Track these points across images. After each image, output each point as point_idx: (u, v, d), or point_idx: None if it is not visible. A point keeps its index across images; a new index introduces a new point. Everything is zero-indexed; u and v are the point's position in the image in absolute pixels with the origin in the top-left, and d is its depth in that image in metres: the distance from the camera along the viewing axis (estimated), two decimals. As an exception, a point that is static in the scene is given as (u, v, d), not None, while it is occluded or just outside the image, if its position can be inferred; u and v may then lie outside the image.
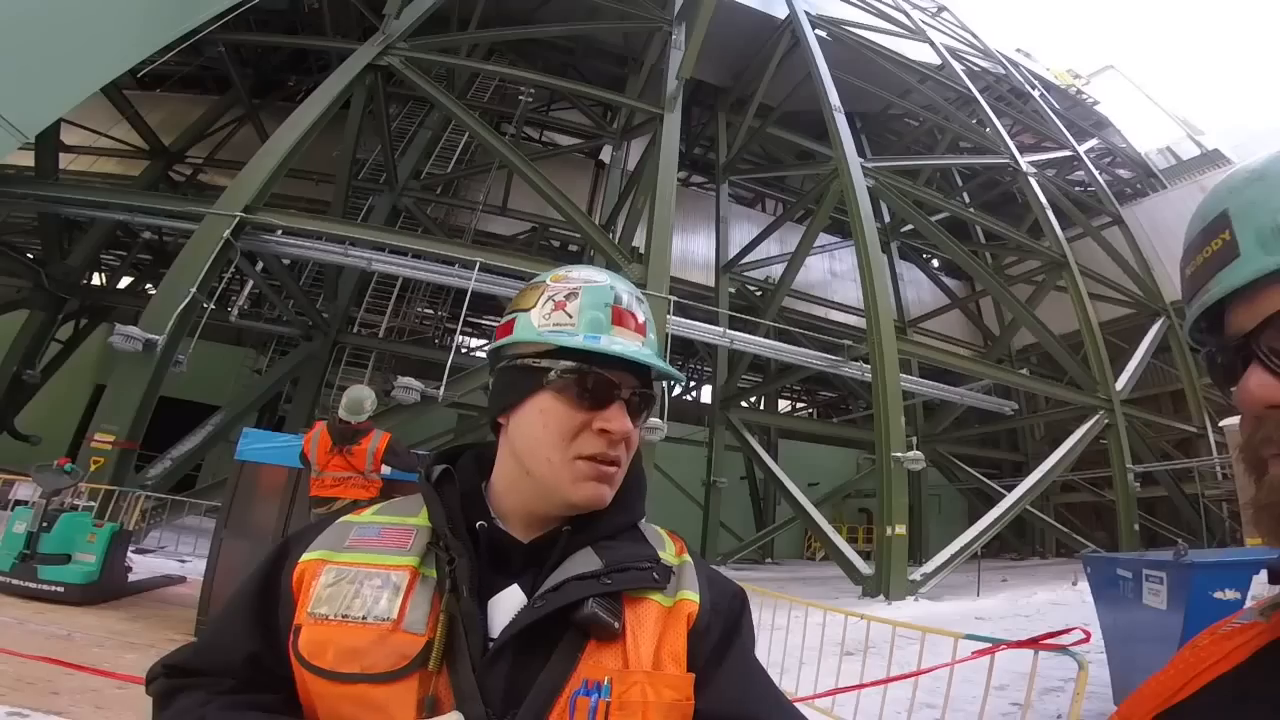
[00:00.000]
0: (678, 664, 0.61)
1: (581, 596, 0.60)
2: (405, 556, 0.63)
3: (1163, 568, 3.35)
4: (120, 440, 8.14)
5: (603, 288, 0.70)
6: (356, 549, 0.64)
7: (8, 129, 6.85)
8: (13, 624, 4.42)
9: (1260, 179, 0.44)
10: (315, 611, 0.61)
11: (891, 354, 11.33)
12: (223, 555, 5.20)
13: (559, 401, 0.66)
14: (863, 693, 3.61)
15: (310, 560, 0.65)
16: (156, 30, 8.55)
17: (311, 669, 0.59)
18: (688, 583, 0.67)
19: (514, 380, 0.69)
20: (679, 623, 0.64)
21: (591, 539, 0.66)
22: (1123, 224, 18.20)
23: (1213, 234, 0.45)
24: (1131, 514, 13.34)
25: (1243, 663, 0.43)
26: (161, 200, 12.25)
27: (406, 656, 0.58)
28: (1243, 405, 0.43)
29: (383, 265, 11.05)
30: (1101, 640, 3.91)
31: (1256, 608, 0.47)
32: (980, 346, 21.42)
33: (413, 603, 0.60)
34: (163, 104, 18.15)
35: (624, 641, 0.61)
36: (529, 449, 0.67)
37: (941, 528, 17.53)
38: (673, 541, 0.73)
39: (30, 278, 14.05)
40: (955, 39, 21.64)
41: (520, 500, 0.68)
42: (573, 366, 0.66)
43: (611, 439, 0.66)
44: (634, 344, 0.69)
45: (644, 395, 0.69)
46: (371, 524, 0.67)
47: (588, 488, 0.65)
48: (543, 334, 0.67)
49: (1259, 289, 0.42)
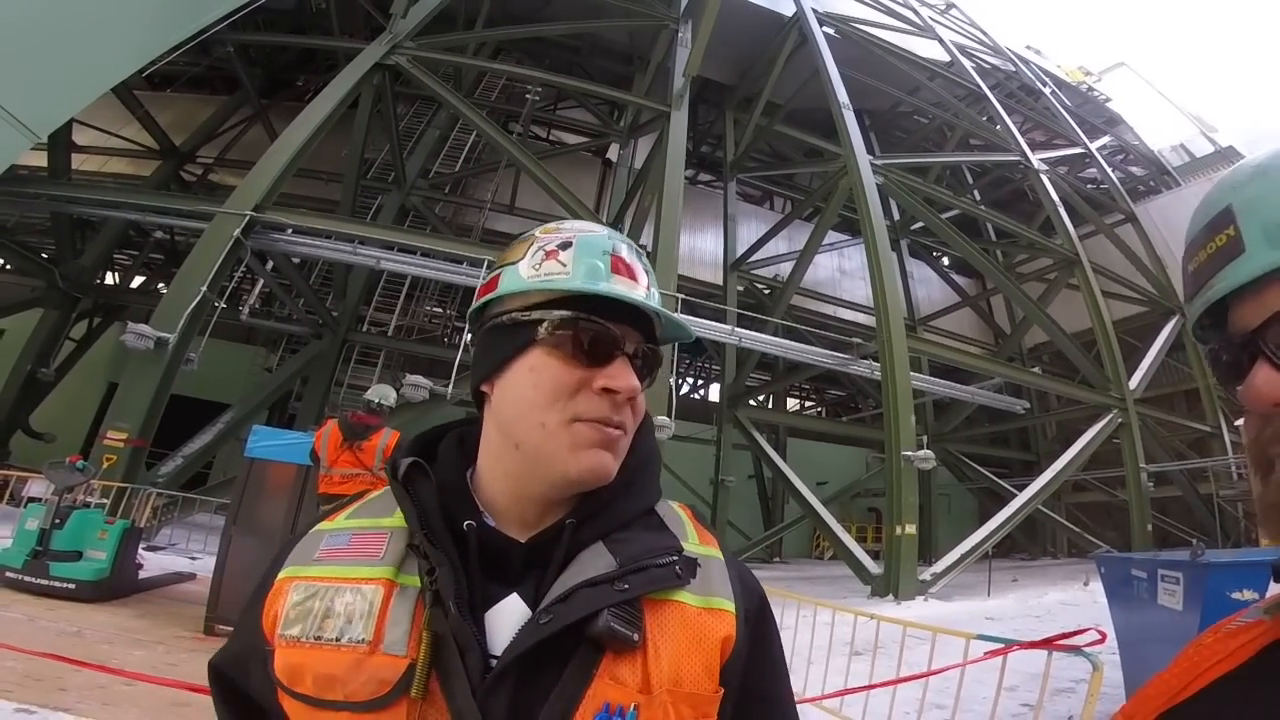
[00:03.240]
0: (710, 676, 0.55)
1: (594, 609, 0.52)
2: (377, 566, 0.56)
3: (1179, 567, 3.30)
4: (132, 438, 8.22)
5: (599, 237, 0.62)
6: (325, 561, 0.57)
7: (20, 129, 6.94)
8: (23, 620, 4.46)
9: (1265, 174, 0.43)
10: (286, 633, 0.55)
11: (901, 352, 11.25)
12: (232, 552, 5.22)
13: (552, 358, 0.58)
14: (872, 693, 3.58)
15: (281, 579, 0.58)
16: (165, 30, 8.63)
17: (292, 694, 0.54)
18: (719, 585, 0.59)
19: (499, 341, 0.60)
20: (712, 633, 0.56)
21: (601, 531, 0.58)
22: (1136, 221, 18.00)
23: (1216, 230, 0.44)
24: (1145, 514, 13.21)
25: (1247, 661, 0.43)
26: (172, 200, 12.36)
27: (388, 682, 0.51)
28: (1249, 403, 0.42)
29: (391, 264, 11.10)
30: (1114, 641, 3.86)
31: (1261, 606, 0.46)
32: (991, 345, 21.28)
33: (390, 620, 0.53)
34: (173, 104, 18.33)
35: (644, 653, 0.53)
36: (517, 415, 0.58)
37: (952, 527, 17.43)
38: (694, 526, 0.64)
39: (44, 277, 14.24)
40: (964, 36, 21.50)
41: (510, 485, 0.59)
42: (569, 316, 0.58)
43: (615, 399, 0.57)
44: (638, 292, 0.60)
45: (650, 352, 0.61)
46: (342, 530, 0.60)
47: (589, 456, 0.57)
48: (532, 283, 0.59)
49: (1265, 285, 0.41)
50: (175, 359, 8.77)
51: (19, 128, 6.94)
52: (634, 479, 0.61)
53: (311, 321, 13.96)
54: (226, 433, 11.39)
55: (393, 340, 14.98)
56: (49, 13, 6.84)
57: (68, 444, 12.99)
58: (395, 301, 15.14)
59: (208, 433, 11.25)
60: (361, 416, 4.45)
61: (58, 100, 7.76)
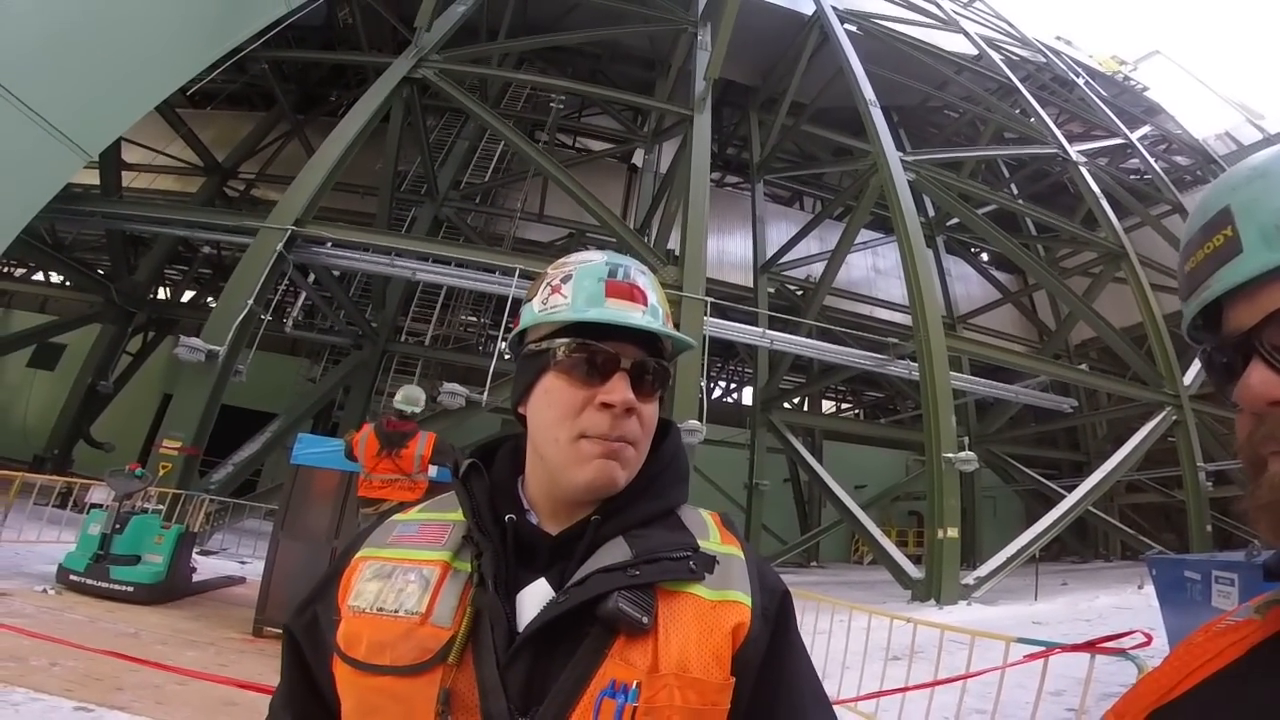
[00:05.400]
0: (720, 665, 0.59)
1: (606, 590, 0.57)
2: (439, 551, 0.64)
3: (1234, 569, 3.16)
4: (186, 446, 8.57)
5: (596, 265, 0.69)
6: (396, 545, 0.66)
7: (73, 148, 7.31)
8: (85, 622, 4.68)
9: (1263, 176, 0.43)
10: (352, 605, 0.63)
11: (940, 351, 10.99)
12: (279, 557, 5.39)
13: (560, 380, 0.65)
14: (908, 697, 3.51)
15: (358, 558, 0.67)
16: (202, 48, 8.98)
17: (345, 659, 0.61)
18: (737, 580, 0.63)
19: (525, 368, 0.69)
20: (723, 623, 0.60)
21: (623, 528, 0.64)
22: (1184, 212, 17.24)
23: (1214, 230, 0.44)
24: (1203, 515, 12.64)
25: (1236, 659, 0.43)
26: (218, 215, 12.86)
27: (430, 650, 0.58)
28: (1243, 402, 0.43)
29: (427, 275, 11.34)
30: (1166, 645, 3.71)
31: (1252, 605, 0.47)
32: (1035, 342, 20.63)
33: (442, 597, 0.61)
34: (213, 121, 19.07)
35: (655, 638, 0.58)
36: (538, 431, 0.67)
37: (996, 531, 16.92)
38: (719, 528, 0.69)
39: (101, 293, 14.99)
40: (990, 28, 20.99)
41: (542, 489, 0.67)
42: (568, 342, 0.65)
43: (614, 413, 0.63)
44: (632, 313, 0.67)
45: (645, 364, 0.67)
46: (413, 521, 0.69)
47: (593, 467, 0.63)
48: (540, 316, 0.68)
49: (1261, 285, 0.42)
50: (225, 370, 9.10)
51: (72, 147, 7.32)
52: (652, 483, 0.68)
53: (352, 333, 14.36)
54: (274, 441, 11.76)
55: (430, 349, 15.29)
56: (95, 36, 7.18)
57: (126, 453, 13.64)
58: (431, 311, 15.46)
59: (256, 441, 11.64)
60: (396, 424, 4.56)
61: (107, 119, 8.13)
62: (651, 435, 0.68)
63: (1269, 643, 0.43)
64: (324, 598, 0.68)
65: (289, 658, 0.70)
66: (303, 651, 0.69)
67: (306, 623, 0.68)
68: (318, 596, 0.69)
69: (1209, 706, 0.42)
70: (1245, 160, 0.46)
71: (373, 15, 17.13)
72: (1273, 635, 0.43)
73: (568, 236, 18.04)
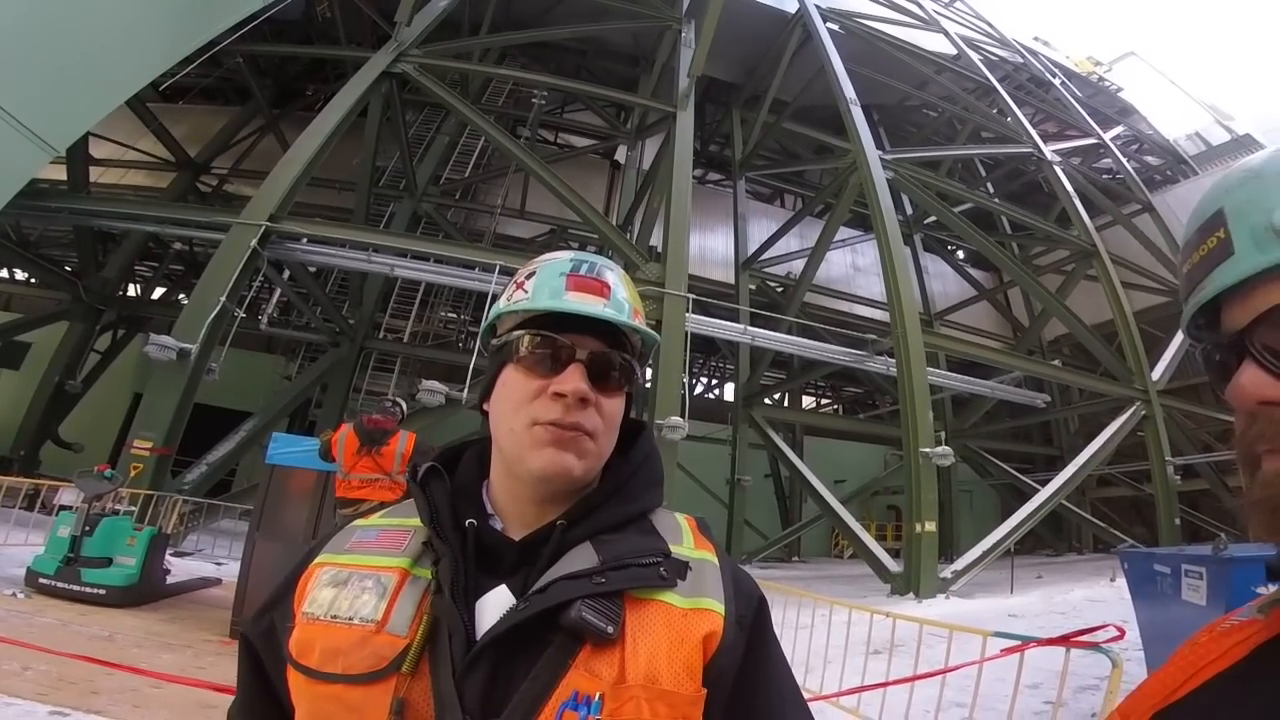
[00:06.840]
0: (691, 676, 0.56)
1: (569, 598, 0.55)
2: (397, 558, 0.62)
3: (1202, 562, 3.25)
4: (157, 446, 8.38)
5: (559, 261, 0.69)
6: (354, 551, 0.64)
7: (39, 143, 7.10)
8: (57, 625, 4.56)
9: (1256, 178, 0.44)
10: (307, 611, 0.60)
11: (917, 347, 11.14)
12: (255, 557, 5.30)
13: (517, 371, 0.65)
14: (889, 691, 3.56)
15: (316, 563, 0.64)
16: (175, 43, 8.79)
17: (297, 666, 0.59)
18: (710, 587, 0.61)
19: (490, 363, 0.69)
20: (695, 631, 0.58)
21: (591, 532, 0.62)
22: (1154, 211, 17.67)
23: (1208, 232, 0.45)
24: (1172, 508, 12.97)
25: (1241, 660, 0.44)
26: (190, 211, 12.56)
27: (385, 658, 0.56)
28: (1235, 401, 0.44)
29: (405, 271, 11.22)
30: (1139, 638, 3.80)
31: (1255, 605, 0.47)
32: (1010, 338, 21.00)
33: (399, 605, 0.58)
34: (186, 116, 18.61)
35: (623, 648, 0.55)
36: (496, 424, 0.66)
37: (973, 524, 17.24)
38: (693, 533, 0.67)
39: (68, 290, 14.57)
40: (970, 29, 21.27)
41: (507, 491, 0.66)
42: (526, 334, 0.65)
43: (566, 403, 0.62)
44: (592, 305, 0.66)
45: (605, 357, 0.65)
46: (373, 527, 0.67)
47: (545, 454, 0.61)
48: (502, 308, 0.68)
49: (1253, 286, 0.42)
50: (197, 369, 8.91)
51: (38, 142, 7.11)
52: (623, 486, 0.66)
53: (329, 329, 14.14)
54: (249, 440, 11.57)
55: (409, 346, 15.12)
56: (62, 28, 6.98)
57: (96, 453, 13.31)
58: (410, 308, 15.29)
59: (230, 441, 11.44)
60: (378, 421, 4.48)
61: (74, 114, 7.92)
62: (615, 430, 0.66)
63: (1272, 643, 0.43)
64: (281, 604, 0.65)
65: (246, 665, 0.68)
66: (260, 659, 0.66)
67: (264, 630, 0.66)
68: (275, 603, 0.66)
69: (1213, 707, 0.43)
70: (1241, 161, 0.47)
71: (352, 9, 16.85)
72: (1276, 636, 0.43)
73: (549, 233, 17.94)
